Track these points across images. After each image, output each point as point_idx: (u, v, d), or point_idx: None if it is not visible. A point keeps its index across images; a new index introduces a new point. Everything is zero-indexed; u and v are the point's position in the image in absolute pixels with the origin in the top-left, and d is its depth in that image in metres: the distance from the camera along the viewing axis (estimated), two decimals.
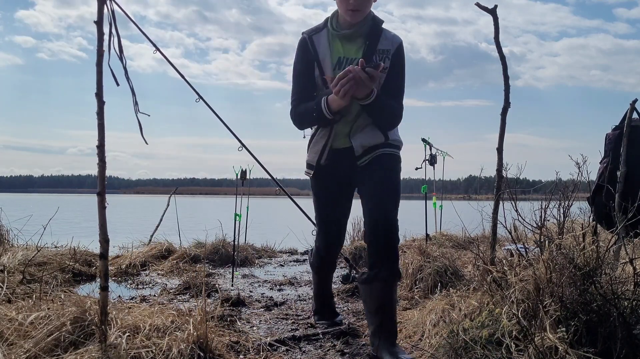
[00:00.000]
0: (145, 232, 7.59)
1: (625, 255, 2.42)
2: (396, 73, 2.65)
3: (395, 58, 2.64)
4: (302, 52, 2.71)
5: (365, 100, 2.49)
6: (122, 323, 2.46)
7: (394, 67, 2.63)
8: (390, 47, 2.63)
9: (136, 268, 5.60)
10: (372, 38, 2.65)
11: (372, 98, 2.49)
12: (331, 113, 2.55)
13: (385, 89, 2.61)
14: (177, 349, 2.27)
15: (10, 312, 2.58)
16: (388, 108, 2.58)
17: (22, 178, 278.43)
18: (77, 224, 11.37)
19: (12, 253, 4.61)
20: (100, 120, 2.30)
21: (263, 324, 3.37)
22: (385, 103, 2.56)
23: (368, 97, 2.48)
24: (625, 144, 3.44)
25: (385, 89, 2.61)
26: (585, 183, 2.74)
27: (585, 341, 2.08)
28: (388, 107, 2.58)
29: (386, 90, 2.61)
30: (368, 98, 2.49)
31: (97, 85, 2.29)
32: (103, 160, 2.30)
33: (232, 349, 2.65)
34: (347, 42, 2.69)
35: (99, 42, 2.30)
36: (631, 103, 3.58)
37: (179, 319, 2.63)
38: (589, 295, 2.15)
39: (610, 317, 2.07)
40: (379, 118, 2.62)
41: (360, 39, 2.66)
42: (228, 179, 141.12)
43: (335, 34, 2.69)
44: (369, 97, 2.48)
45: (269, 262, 6.72)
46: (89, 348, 2.21)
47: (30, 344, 2.24)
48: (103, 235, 2.30)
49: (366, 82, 2.37)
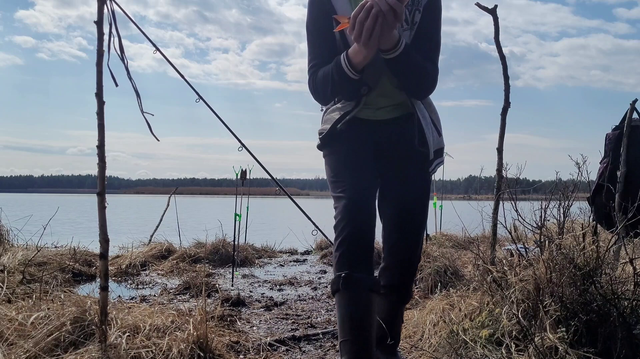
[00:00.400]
0: (145, 232, 7.60)
1: (625, 255, 2.42)
2: (430, 29, 2.02)
3: (429, 9, 2.01)
4: (316, 6, 2.07)
5: (391, 52, 1.84)
6: (122, 323, 2.46)
7: (427, 20, 2.01)
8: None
9: (136, 268, 5.61)
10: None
11: (400, 48, 1.84)
12: (355, 70, 1.89)
13: (415, 49, 1.97)
14: (177, 349, 2.27)
15: (10, 312, 2.58)
16: (419, 66, 1.94)
17: (22, 178, 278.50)
18: (77, 224, 11.38)
19: (12, 253, 4.62)
20: (100, 120, 2.30)
21: (263, 324, 3.37)
22: (417, 59, 1.93)
23: (395, 47, 1.84)
24: (625, 144, 3.44)
25: (415, 49, 1.97)
26: (585, 183, 2.74)
27: (585, 341, 2.08)
28: (419, 64, 1.94)
29: (416, 50, 1.97)
30: (394, 49, 1.84)
31: (97, 85, 2.29)
32: (103, 160, 2.30)
33: (232, 349, 2.65)
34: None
35: (99, 42, 2.30)
36: (631, 103, 3.57)
37: (179, 319, 2.63)
38: (589, 295, 2.15)
39: (610, 317, 2.06)
40: (408, 78, 1.97)
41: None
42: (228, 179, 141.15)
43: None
44: (396, 46, 1.83)
45: (269, 262, 6.72)
46: (89, 348, 2.21)
47: (30, 344, 2.24)
48: (103, 235, 2.30)
49: (389, 17, 1.73)
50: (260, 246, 7.62)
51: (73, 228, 9.60)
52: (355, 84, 1.95)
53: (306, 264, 6.62)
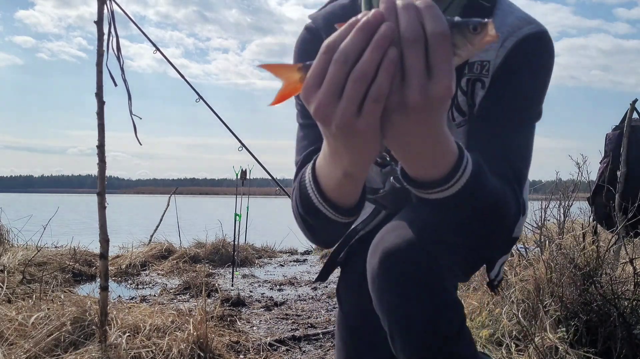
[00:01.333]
0: (145, 232, 7.60)
1: (626, 255, 2.42)
2: (512, 112, 1.06)
3: (509, 71, 1.07)
4: (306, 52, 1.20)
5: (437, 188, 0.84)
6: (122, 323, 2.46)
7: (507, 96, 1.07)
8: (494, 55, 1.07)
9: (136, 268, 5.60)
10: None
11: (457, 180, 0.82)
12: (332, 206, 0.94)
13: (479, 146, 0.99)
14: (177, 349, 2.27)
15: (11, 312, 2.58)
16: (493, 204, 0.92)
17: (22, 178, 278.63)
18: (77, 224, 11.39)
19: (12, 253, 4.62)
20: (100, 120, 2.30)
21: (263, 324, 3.37)
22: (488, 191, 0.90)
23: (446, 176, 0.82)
24: (625, 144, 3.43)
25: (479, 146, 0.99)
26: (585, 183, 2.75)
27: (585, 341, 2.08)
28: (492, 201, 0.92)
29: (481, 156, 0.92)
30: (445, 184, 0.82)
31: (97, 85, 2.29)
32: (103, 160, 2.30)
33: (232, 349, 2.65)
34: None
35: (99, 42, 2.30)
36: (631, 103, 3.58)
37: (179, 319, 2.63)
38: (589, 295, 2.15)
39: (610, 317, 2.07)
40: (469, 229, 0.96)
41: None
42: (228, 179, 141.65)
43: None
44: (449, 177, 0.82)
45: (269, 262, 6.72)
46: (89, 348, 2.22)
47: (30, 344, 2.24)
48: (103, 235, 2.30)
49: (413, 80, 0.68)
50: (260, 246, 7.62)
51: (73, 228, 9.61)
52: (343, 227, 1.01)
53: (306, 264, 6.62)
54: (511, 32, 1.06)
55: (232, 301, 3.87)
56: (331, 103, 0.67)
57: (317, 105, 0.68)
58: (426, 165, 0.80)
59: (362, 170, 0.83)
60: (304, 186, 0.96)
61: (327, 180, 0.90)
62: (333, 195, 0.91)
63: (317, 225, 1.01)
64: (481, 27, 0.66)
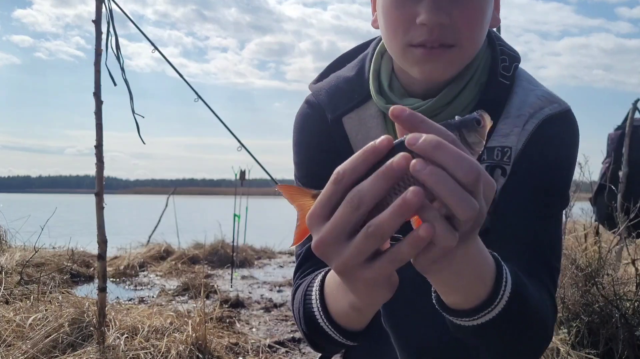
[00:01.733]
0: (143, 233, 7.58)
1: (628, 256, 2.41)
2: (539, 201, 0.97)
3: (532, 160, 0.98)
4: (312, 143, 1.10)
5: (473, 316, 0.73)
6: (120, 324, 2.45)
7: (534, 182, 0.98)
8: (516, 140, 0.98)
9: (134, 269, 5.59)
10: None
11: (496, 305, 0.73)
12: (339, 331, 0.83)
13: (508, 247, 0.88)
14: (176, 351, 2.25)
15: (8, 313, 2.56)
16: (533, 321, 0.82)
17: (20, 178, 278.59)
18: (75, 225, 11.36)
19: (9, 254, 4.59)
20: (98, 119, 2.28)
21: (262, 326, 3.36)
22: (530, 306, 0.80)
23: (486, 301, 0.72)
24: (627, 144, 3.42)
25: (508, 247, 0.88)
26: (587, 183, 2.73)
27: (587, 343, 2.07)
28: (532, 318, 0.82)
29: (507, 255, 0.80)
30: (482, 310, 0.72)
31: (95, 84, 2.27)
32: (101, 160, 2.28)
33: (231, 351, 2.64)
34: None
35: (97, 41, 2.28)
36: (633, 103, 3.57)
37: (177, 321, 2.62)
38: (590, 296, 2.14)
39: (612, 318, 2.06)
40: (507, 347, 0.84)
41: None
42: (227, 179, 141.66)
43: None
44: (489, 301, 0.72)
45: (268, 263, 6.71)
46: (87, 350, 2.20)
47: (28, 345, 2.22)
48: (101, 235, 2.29)
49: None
50: (259, 247, 7.61)
51: (71, 228, 9.60)
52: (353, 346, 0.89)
53: None
54: (532, 114, 0.98)
55: (231, 302, 3.85)
56: (335, 244, 0.56)
57: (319, 241, 0.57)
58: (466, 288, 0.69)
59: (372, 308, 0.75)
60: (309, 304, 0.86)
61: (335, 305, 0.80)
62: (340, 320, 0.81)
63: (321, 343, 0.90)
64: (481, 118, 0.63)
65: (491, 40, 1.05)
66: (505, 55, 1.04)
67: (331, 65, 1.16)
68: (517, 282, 0.75)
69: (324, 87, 1.10)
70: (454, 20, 0.89)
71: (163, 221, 7.76)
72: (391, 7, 0.92)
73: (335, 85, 1.09)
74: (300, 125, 1.10)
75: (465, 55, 0.95)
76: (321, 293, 0.83)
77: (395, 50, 0.96)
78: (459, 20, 0.90)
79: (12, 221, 5.87)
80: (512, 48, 1.08)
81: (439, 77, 0.96)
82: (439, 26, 0.89)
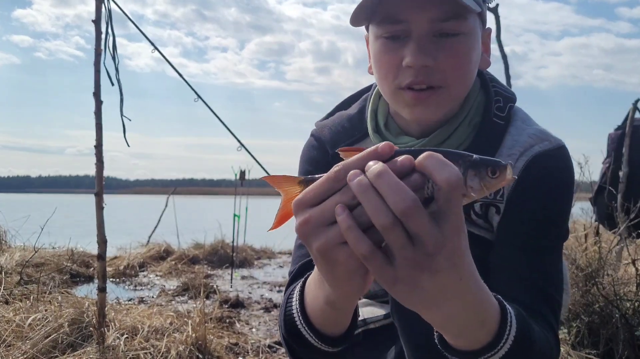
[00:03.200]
0: (143, 233, 7.57)
1: (628, 256, 2.41)
2: (535, 236, 0.99)
3: (524, 196, 1.01)
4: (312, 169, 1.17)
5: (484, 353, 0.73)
6: (120, 324, 2.45)
7: (528, 218, 1.00)
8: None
9: (134, 269, 5.58)
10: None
11: (502, 345, 0.74)
12: (312, 328, 0.86)
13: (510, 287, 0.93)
14: (176, 351, 2.25)
15: (8, 313, 2.56)
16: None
17: (19, 178, 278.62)
18: (75, 225, 11.37)
19: (9, 254, 4.59)
20: (97, 119, 2.28)
21: (262, 326, 3.36)
22: (535, 345, 0.81)
23: (492, 343, 0.73)
24: (627, 144, 3.42)
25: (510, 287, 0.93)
26: (587, 183, 2.73)
27: (587, 343, 2.07)
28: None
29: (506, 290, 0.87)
30: (488, 351, 0.73)
31: (95, 84, 2.27)
32: (101, 160, 2.28)
33: (230, 351, 2.64)
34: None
35: (97, 41, 2.28)
36: (633, 103, 3.57)
37: (177, 321, 2.62)
38: (591, 296, 2.14)
39: (612, 318, 2.05)
40: None
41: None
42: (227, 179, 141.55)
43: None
44: (496, 343, 0.73)
45: (268, 263, 6.70)
46: (86, 350, 2.20)
47: (27, 346, 2.22)
48: (101, 235, 2.29)
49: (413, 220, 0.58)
50: (259, 247, 7.61)
51: (71, 228, 9.60)
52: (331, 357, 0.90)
53: None
54: (522, 152, 1.00)
55: (231, 302, 3.85)
56: (319, 227, 0.61)
57: (304, 222, 0.62)
58: (467, 326, 0.69)
59: (345, 302, 0.76)
60: (290, 305, 0.88)
61: (313, 302, 0.82)
62: (316, 320, 0.83)
63: (299, 351, 0.90)
64: (500, 171, 0.60)
65: (485, 82, 1.09)
66: (499, 96, 1.07)
67: (338, 105, 1.24)
68: (522, 326, 0.75)
69: (328, 124, 1.18)
70: (439, 62, 0.94)
71: (163, 221, 7.76)
72: (380, 52, 0.99)
73: (338, 123, 1.17)
74: (306, 154, 1.19)
75: (453, 96, 0.99)
76: (301, 294, 0.86)
77: (387, 93, 1.02)
78: (444, 63, 0.94)
79: (12, 221, 5.87)
80: (508, 89, 1.12)
81: (429, 118, 1.01)
82: (424, 68, 0.94)
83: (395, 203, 0.56)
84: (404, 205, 0.55)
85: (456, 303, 0.64)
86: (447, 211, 0.57)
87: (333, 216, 0.60)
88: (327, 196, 0.61)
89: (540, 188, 0.99)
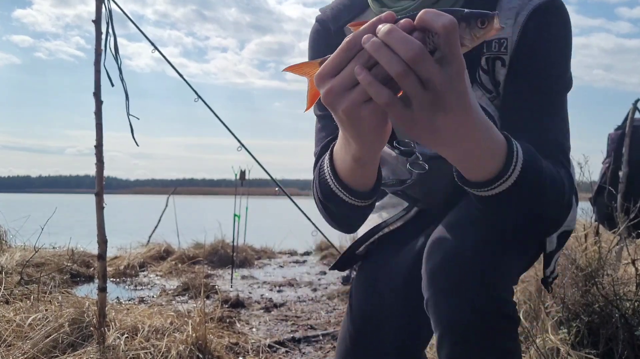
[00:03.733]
0: (143, 233, 7.57)
1: (628, 256, 2.41)
2: (541, 86, 1.05)
3: (527, 44, 1.05)
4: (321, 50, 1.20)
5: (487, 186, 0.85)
6: (120, 324, 2.45)
7: (533, 69, 1.05)
8: (510, 31, 1.06)
9: (135, 269, 5.58)
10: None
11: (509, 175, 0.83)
12: (348, 190, 0.97)
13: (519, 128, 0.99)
14: (176, 351, 2.25)
15: (8, 313, 2.56)
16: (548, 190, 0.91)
17: (20, 178, 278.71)
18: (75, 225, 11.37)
19: (9, 254, 4.59)
20: (98, 119, 2.28)
21: (262, 326, 3.36)
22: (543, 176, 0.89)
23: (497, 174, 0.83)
24: (627, 144, 3.42)
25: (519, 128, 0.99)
26: (587, 183, 2.73)
27: (587, 343, 2.07)
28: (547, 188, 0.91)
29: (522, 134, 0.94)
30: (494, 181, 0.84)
31: (95, 84, 2.27)
32: (101, 160, 2.28)
33: (231, 351, 2.64)
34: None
35: (97, 41, 2.28)
36: (633, 103, 3.57)
37: (177, 321, 2.62)
38: (590, 296, 2.14)
39: (612, 318, 2.05)
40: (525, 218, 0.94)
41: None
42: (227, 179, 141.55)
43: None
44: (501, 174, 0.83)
45: (268, 263, 6.70)
46: (87, 350, 2.20)
47: (28, 346, 2.22)
48: (101, 235, 2.29)
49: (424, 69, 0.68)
50: (259, 247, 7.60)
51: (71, 228, 9.61)
52: (362, 211, 1.04)
53: (306, 265, 6.60)
54: (522, 7, 1.06)
55: (231, 302, 3.85)
56: (342, 92, 0.72)
57: (329, 91, 0.72)
58: (480, 159, 0.81)
59: (370, 156, 0.87)
60: (322, 172, 1.00)
61: (341, 164, 0.93)
62: (347, 179, 0.95)
63: (336, 210, 1.04)
64: (488, 21, 0.69)
65: None
66: None
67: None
68: (529, 156, 0.85)
69: (330, 6, 1.26)
70: None
71: (163, 221, 7.76)
72: None
73: (339, 2, 1.24)
74: (312, 38, 1.26)
75: None
76: (331, 160, 0.97)
77: None
78: None
79: (12, 221, 5.87)
80: None
81: None
82: None
83: (405, 51, 0.65)
84: (413, 53, 0.65)
85: (468, 140, 0.75)
86: (448, 55, 0.67)
87: (352, 81, 0.70)
88: (344, 65, 0.71)
89: (542, 39, 1.05)
